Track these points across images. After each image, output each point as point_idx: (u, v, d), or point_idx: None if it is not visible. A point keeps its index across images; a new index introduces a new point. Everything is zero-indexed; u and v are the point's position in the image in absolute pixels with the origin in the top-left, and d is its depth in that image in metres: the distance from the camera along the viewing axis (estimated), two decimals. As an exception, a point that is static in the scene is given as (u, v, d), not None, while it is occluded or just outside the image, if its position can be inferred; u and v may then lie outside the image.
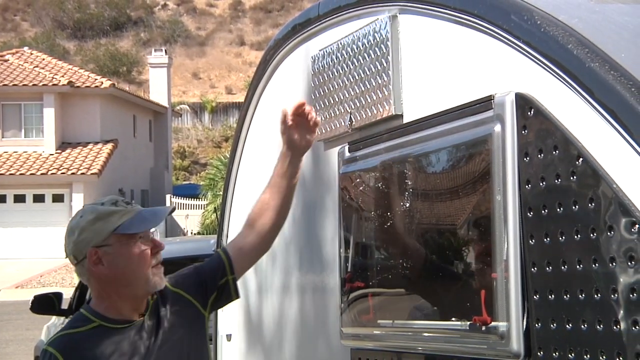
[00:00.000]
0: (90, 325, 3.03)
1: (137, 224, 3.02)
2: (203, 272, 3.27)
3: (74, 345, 3.00)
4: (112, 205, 3.05)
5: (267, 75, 4.63)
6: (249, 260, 3.34)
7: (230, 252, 3.28)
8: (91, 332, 3.02)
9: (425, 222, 3.11)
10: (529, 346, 2.56)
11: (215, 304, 3.28)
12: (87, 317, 3.06)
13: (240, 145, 5.02)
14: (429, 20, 3.15)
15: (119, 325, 3.03)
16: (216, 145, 52.61)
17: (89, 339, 3.00)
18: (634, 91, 2.29)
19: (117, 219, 3.01)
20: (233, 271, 3.25)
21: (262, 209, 3.30)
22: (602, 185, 2.32)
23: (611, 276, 2.28)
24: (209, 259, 3.31)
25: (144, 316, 3.07)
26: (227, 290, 3.25)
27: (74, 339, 3.02)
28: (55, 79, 34.93)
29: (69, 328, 3.08)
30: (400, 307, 3.28)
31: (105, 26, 65.03)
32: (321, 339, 4.03)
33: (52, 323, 10.52)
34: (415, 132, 3.12)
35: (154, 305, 3.11)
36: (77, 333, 3.03)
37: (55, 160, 34.18)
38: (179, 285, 3.20)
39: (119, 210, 3.04)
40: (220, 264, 3.26)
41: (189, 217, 38.83)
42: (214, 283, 3.23)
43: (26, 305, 9.62)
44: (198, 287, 3.21)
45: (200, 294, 3.21)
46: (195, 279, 3.23)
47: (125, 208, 3.05)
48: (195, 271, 3.29)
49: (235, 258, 3.27)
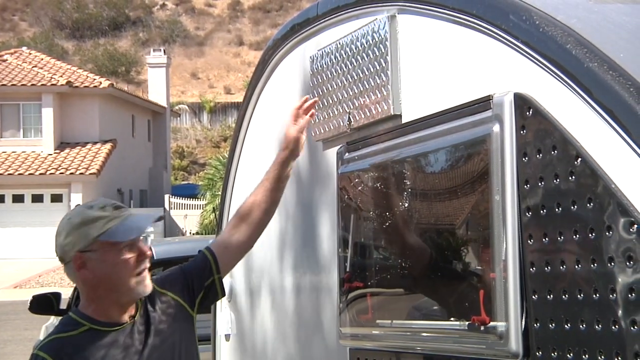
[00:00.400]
0: (81, 328, 3.02)
1: (121, 233, 3.00)
2: (189, 273, 3.26)
3: (64, 349, 2.98)
4: (99, 210, 3.03)
5: (265, 75, 4.63)
6: (233, 258, 3.35)
7: (215, 251, 3.28)
8: (81, 335, 3.01)
9: (424, 222, 3.11)
10: (528, 346, 2.56)
11: (202, 303, 3.27)
12: (76, 320, 3.04)
13: (239, 145, 5.02)
14: (428, 20, 3.15)
15: (108, 328, 3.02)
16: (215, 145, 52.61)
17: (80, 343, 2.99)
18: (632, 91, 2.28)
19: (102, 225, 3.00)
20: (219, 270, 3.25)
21: (250, 207, 3.33)
22: (600, 185, 2.32)
23: (610, 276, 2.28)
24: (193, 258, 3.31)
25: (134, 318, 3.06)
26: (213, 289, 3.26)
27: (64, 343, 3.00)
28: (54, 79, 34.93)
29: (58, 332, 3.05)
30: (399, 307, 3.28)
31: (104, 26, 65.01)
32: (319, 338, 4.03)
33: (51, 323, 10.51)
34: (414, 132, 3.12)
35: (143, 308, 3.10)
36: (67, 337, 3.01)
37: (54, 160, 34.18)
38: (166, 286, 3.20)
39: (105, 216, 3.02)
40: (206, 264, 3.26)
41: (188, 217, 38.83)
42: (200, 283, 3.23)
43: (24, 305, 9.62)
44: (185, 287, 3.21)
45: (187, 294, 3.20)
46: (182, 279, 3.23)
47: (111, 214, 3.02)
48: (181, 272, 3.28)
49: (221, 257, 3.27)
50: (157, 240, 19.68)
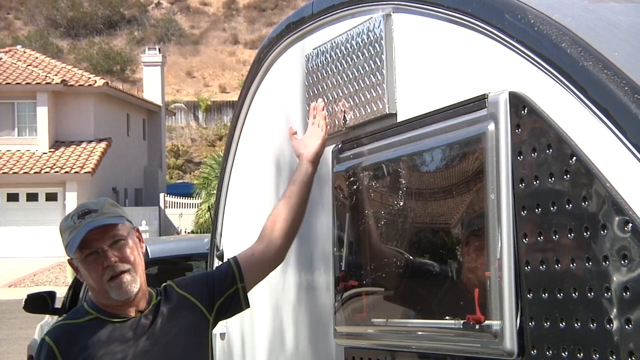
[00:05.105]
0: (88, 317, 3.14)
1: (70, 247, 3.08)
2: (211, 278, 3.34)
3: (68, 335, 3.11)
4: (70, 219, 3.10)
5: (261, 73, 4.63)
6: (259, 269, 3.39)
7: (240, 261, 3.33)
8: (87, 323, 3.12)
9: (419, 221, 3.11)
10: (523, 345, 2.56)
11: (224, 311, 3.32)
12: (86, 310, 3.17)
13: (234, 144, 5.02)
14: (423, 19, 3.15)
15: (114, 319, 3.11)
16: (210, 144, 52.61)
17: (84, 330, 3.10)
18: (627, 90, 2.29)
19: (66, 237, 3.09)
20: (243, 280, 3.29)
21: (274, 219, 3.40)
22: (595, 184, 2.32)
23: (604, 275, 2.29)
24: (218, 266, 3.37)
25: (142, 313, 3.11)
26: (236, 298, 3.30)
27: (69, 330, 3.13)
28: (49, 77, 34.88)
29: (67, 319, 3.23)
30: (394, 306, 3.28)
31: (99, 25, 64.94)
32: (315, 337, 4.03)
33: (46, 322, 10.50)
34: (409, 131, 3.12)
35: (155, 305, 3.14)
36: (73, 324, 3.15)
37: (49, 159, 34.14)
38: (186, 288, 3.27)
39: (71, 227, 3.08)
40: (229, 271, 3.31)
41: (183, 215, 38.82)
42: (221, 289, 3.28)
43: (19, 304, 9.60)
44: (205, 291, 3.27)
45: (206, 297, 3.25)
46: (203, 283, 3.30)
47: (74, 224, 3.07)
48: (203, 276, 3.39)
49: (245, 267, 3.31)
50: (152, 239, 19.68)
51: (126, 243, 3.08)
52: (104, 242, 3.04)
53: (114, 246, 3.05)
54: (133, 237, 3.12)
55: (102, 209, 3.07)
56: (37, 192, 34.17)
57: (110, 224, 3.06)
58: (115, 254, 3.03)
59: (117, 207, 3.16)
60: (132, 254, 3.08)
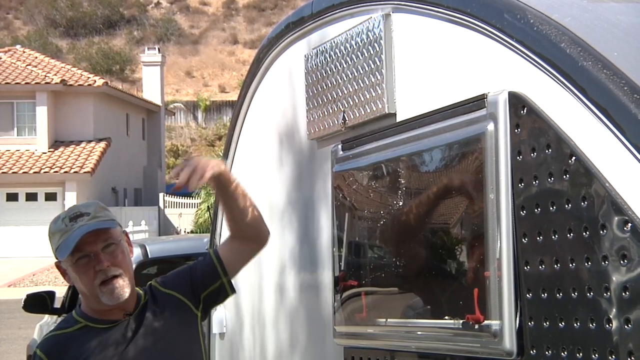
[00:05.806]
0: (77, 325, 3.12)
1: (61, 251, 3.03)
2: (194, 272, 3.26)
3: (59, 346, 3.10)
4: (61, 222, 3.05)
5: (260, 73, 4.63)
6: (239, 258, 3.31)
7: (220, 253, 3.28)
8: (76, 332, 3.11)
9: (419, 221, 3.11)
10: (522, 344, 2.56)
11: (211, 303, 3.27)
12: (75, 318, 3.15)
13: (234, 143, 5.02)
14: (422, 19, 3.15)
15: (103, 325, 3.10)
16: (209, 144, 52.59)
17: (75, 339, 3.09)
18: (626, 90, 2.29)
19: (57, 240, 3.04)
20: (226, 273, 3.25)
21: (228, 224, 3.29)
22: (594, 183, 2.32)
23: (603, 274, 2.29)
24: (201, 258, 3.31)
25: (129, 316, 3.09)
26: (222, 290, 3.26)
27: (59, 341, 3.12)
28: (48, 77, 34.87)
29: (56, 329, 3.19)
30: (394, 306, 3.28)
31: (98, 24, 64.93)
32: (314, 337, 4.03)
33: (45, 322, 10.49)
34: (409, 131, 3.12)
35: (142, 306, 3.13)
36: (63, 334, 3.13)
37: (48, 159, 34.12)
38: (170, 286, 3.22)
39: (62, 230, 3.04)
40: (211, 264, 3.25)
41: (182, 215, 38.81)
42: (205, 282, 3.23)
43: (19, 304, 9.59)
44: (189, 286, 3.22)
45: (191, 293, 3.21)
46: (187, 278, 3.24)
47: (65, 227, 3.03)
48: (186, 271, 3.28)
49: (225, 257, 3.26)
50: (151, 238, 19.67)
51: (118, 247, 3.05)
52: (97, 245, 3.01)
53: (105, 250, 3.02)
54: (123, 242, 3.11)
55: (95, 213, 3.05)
56: (36, 191, 34.15)
57: (103, 227, 3.05)
58: (107, 258, 3.02)
59: (108, 211, 3.14)
60: (124, 258, 3.07)
